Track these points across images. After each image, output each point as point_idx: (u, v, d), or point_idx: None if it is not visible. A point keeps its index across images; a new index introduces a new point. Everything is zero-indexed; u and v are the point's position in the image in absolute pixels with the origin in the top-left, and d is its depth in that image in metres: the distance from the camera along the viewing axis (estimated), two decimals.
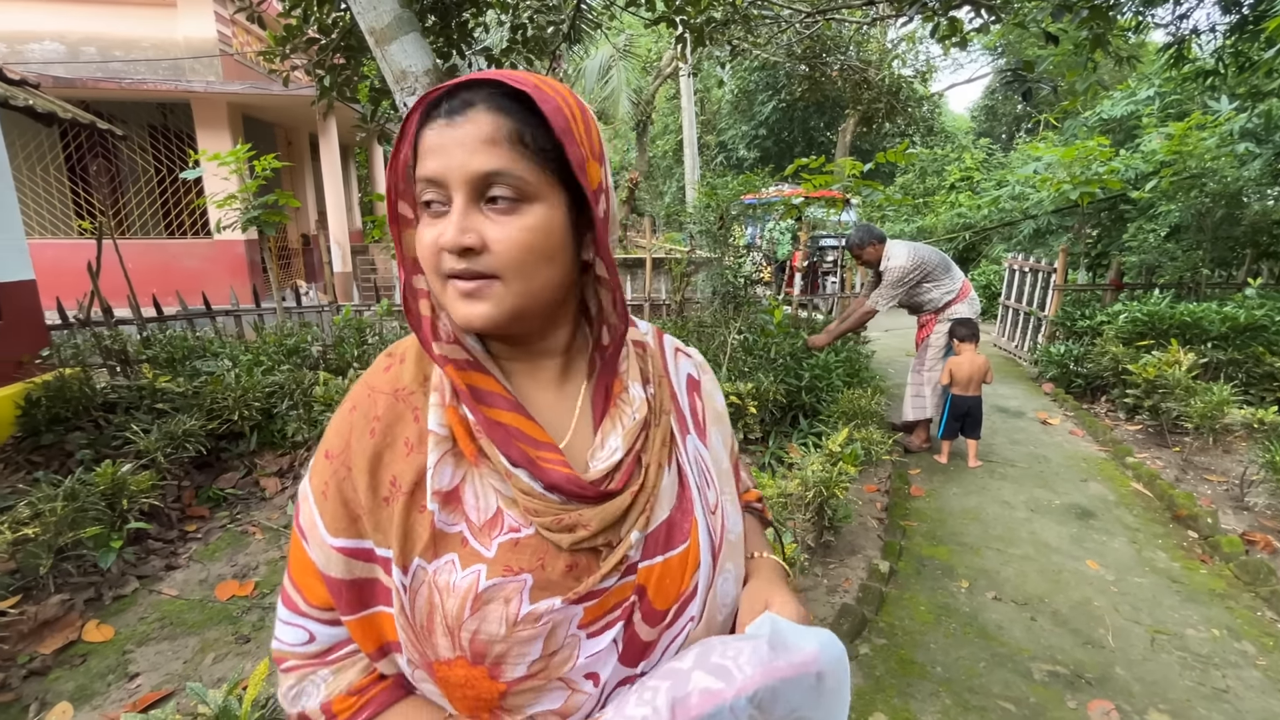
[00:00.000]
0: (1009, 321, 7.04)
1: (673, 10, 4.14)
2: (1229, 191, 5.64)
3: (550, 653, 0.53)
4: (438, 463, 0.55)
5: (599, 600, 0.55)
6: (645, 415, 0.61)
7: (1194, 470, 3.68)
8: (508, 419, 0.56)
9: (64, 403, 3.15)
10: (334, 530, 0.56)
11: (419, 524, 0.54)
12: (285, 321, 4.86)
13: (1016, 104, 18.18)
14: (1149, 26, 5.80)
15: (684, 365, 0.73)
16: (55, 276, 5.74)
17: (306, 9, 3.35)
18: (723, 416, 0.74)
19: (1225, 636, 2.32)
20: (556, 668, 0.54)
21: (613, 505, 0.56)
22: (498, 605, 0.52)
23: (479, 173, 0.50)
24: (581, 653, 0.54)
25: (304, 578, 0.58)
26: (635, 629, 0.57)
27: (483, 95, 0.51)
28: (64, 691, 1.99)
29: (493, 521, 0.55)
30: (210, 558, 2.74)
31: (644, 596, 0.57)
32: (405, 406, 0.58)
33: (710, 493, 0.65)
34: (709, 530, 0.62)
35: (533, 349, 0.61)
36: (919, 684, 2.09)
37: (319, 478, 0.58)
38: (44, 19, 8.02)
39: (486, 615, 0.52)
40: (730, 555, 0.64)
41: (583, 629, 0.54)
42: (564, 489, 0.54)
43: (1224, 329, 4.53)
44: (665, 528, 0.59)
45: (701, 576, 0.60)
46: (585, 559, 0.55)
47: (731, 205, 4.26)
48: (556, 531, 0.54)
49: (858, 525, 3.06)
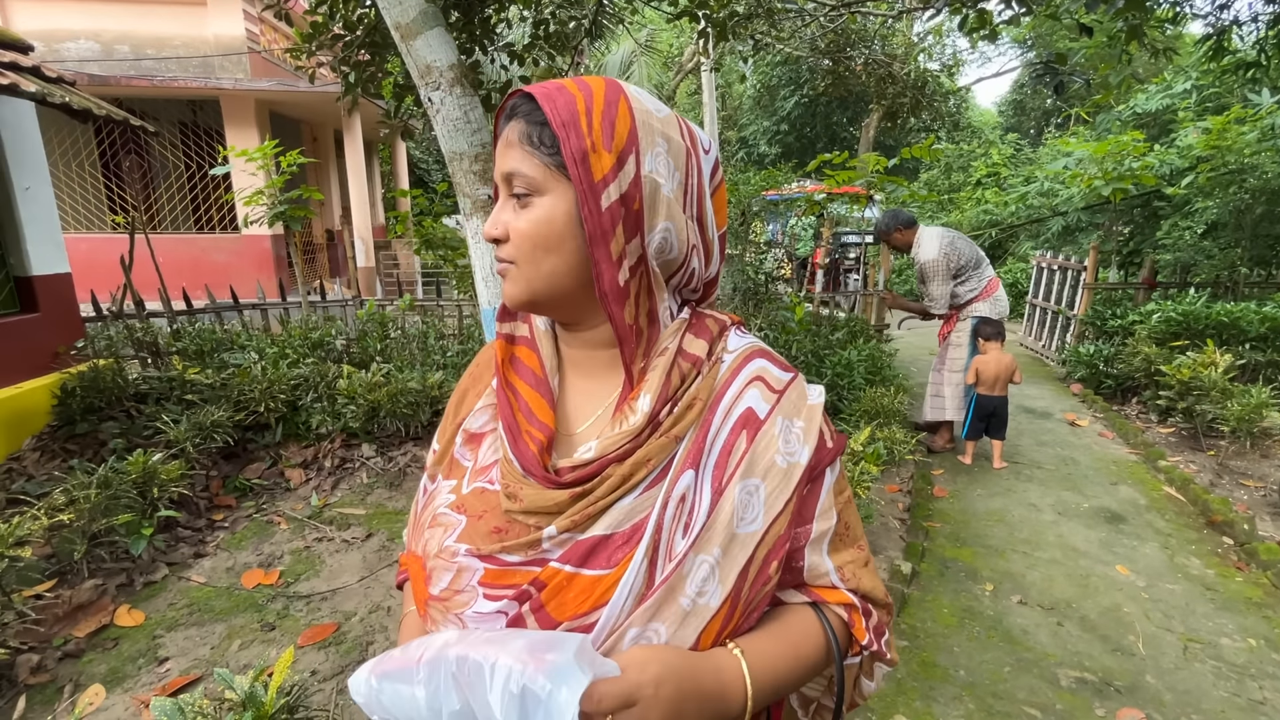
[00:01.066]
0: (1036, 320, 6.90)
1: (695, 4, 4.11)
2: (1270, 188, 5.46)
3: (455, 589, 0.58)
4: (479, 409, 0.68)
5: (500, 569, 0.57)
6: (638, 428, 0.57)
7: (1229, 475, 3.57)
8: (525, 393, 0.64)
9: (98, 393, 3.23)
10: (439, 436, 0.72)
11: (450, 446, 0.69)
12: (310, 315, 4.93)
13: (1046, 98, 17.77)
14: (1187, 17, 5.62)
15: (751, 398, 0.61)
16: (90, 270, 5.89)
17: (332, 6, 3.38)
18: (782, 473, 0.59)
19: (1262, 646, 2.25)
20: (456, 606, 0.58)
21: (550, 494, 0.57)
22: (438, 530, 0.62)
23: (504, 172, 0.59)
24: (473, 606, 0.57)
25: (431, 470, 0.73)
26: (523, 618, 0.55)
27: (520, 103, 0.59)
28: (96, 674, 2.04)
29: (485, 469, 0.64)
30: (237, 546, 2.80)
31: (539, 592, 0.54)
32: (493, 367, 0.69)
33: (680, 541, 0.55)
34: (644, 575, 0.54)
35: (583, 337, 0.65)
36: (942, 687, 2.05)
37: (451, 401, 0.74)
38: (79, 18, 8.22)
39: (431, 534, 0.62)
40: (667, 618, 0.54)
41: (482, 586, 0.57)
42: (522, 463, 0.59)
43: (1263, 329, 4.39)
44: (593, 543, 0.55)
45: (605, 614, 0.53)
46: (515, 530, 0.59)
47: (753, 201, 4.22)
48: (505, 495, 0.59)
49: (879, 525, 3.02)
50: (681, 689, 0.51)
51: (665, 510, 0.56)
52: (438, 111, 2.06)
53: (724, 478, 0.58)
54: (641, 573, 0.54)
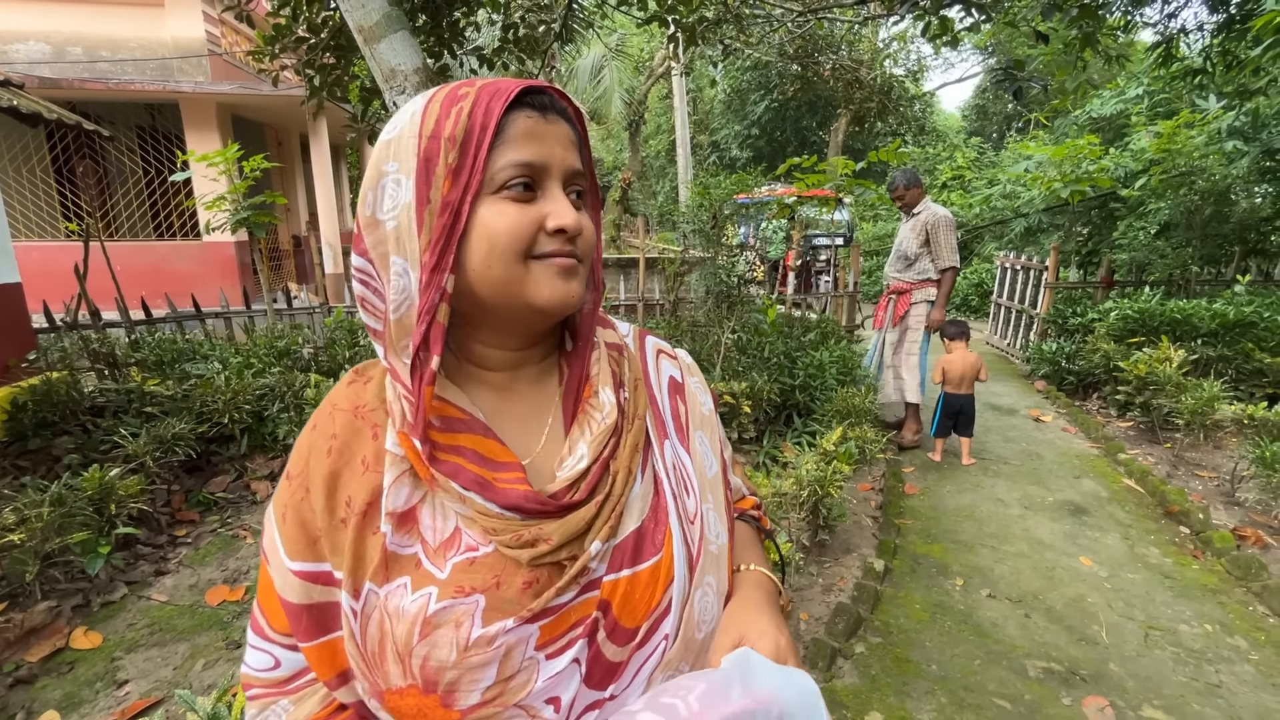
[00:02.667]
0: (1001, 319, 7.08)
1: (664, 10, 4.13)
2: (1217, 189, 5.69)
3: (506, 678, 0.51)
4: (393, 483, 0.53)
5: (556, 618, 0.52)
6: (615, 421, 0.58)
7: (1185, 466, 3.71)
8: (464, 441, 0.55)
9: (51, 407, 3.11)
10: (293, 554, 0.55)
11: (371, 546, 0.53)
12: (276, 323, 4.82)
13: (1007, 103, 18.27)
14: (1138, 25, 5.84)
15: (666, 367, 0.70)
16: (42, 279, 5.67)
17: (295, 8, 3.32)
18: (709, 420, 0.70)
19: (1218, 632, 2.33)
20: (513, 693, 0.51)
21: (575, 517, 0.53)
22: (448, 630, 0.50)
23: (574, 168, 0.56)
24: (540, 675, 0.51)
25: (269, 601, 0.57)
26: (600, 648, 0.54)
27: (556, 104, 0.56)
28: (51, 700, 1.96)
29: (449, 541, 0.53)
30: (200, 562, 2.71)
31: (608, 613, 0.54)
32: (364, 424, 0.57)
33: (690, 500, 0.62)
34: (685, 541, 0.59)
35: (523, 355, 0.61)
36: (915, 682, 2.09)
37: (280, 500, 0.57)
38: (29, 19, 7.93)
39: (436, 640, 0.50)
40: (711, 568, 0.60)
41: (540, 650, 0.52)
42: (522, 507, 0.52)
43: (1214, 326, 4.57)
44: (634, 539, 0.56)
45: (676, 591, 0.56)
46: (546, 574, 0.53)
47: (725, 205, 4.25)
48: (516, 548, 0.52)
49: (852, 524, 3.06)
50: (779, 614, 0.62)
51: (670, 481, 0.61)
52: None
53: (685, 438, 0.66)
54: (683, 542, 0.59)
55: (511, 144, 0.52)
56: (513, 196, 0.53)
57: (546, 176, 0.54)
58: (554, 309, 0.55)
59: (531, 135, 0.53)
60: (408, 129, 0.53)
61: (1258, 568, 2.62)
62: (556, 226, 0.53)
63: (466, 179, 0.52)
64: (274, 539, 0.56)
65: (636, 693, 0.55)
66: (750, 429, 3.63)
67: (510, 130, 0.53)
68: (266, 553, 0.57)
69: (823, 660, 2.12)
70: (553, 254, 0.54)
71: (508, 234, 0.52)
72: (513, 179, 0.53)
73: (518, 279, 0.53)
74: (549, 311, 0.55)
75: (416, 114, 0.54)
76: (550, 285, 0.54)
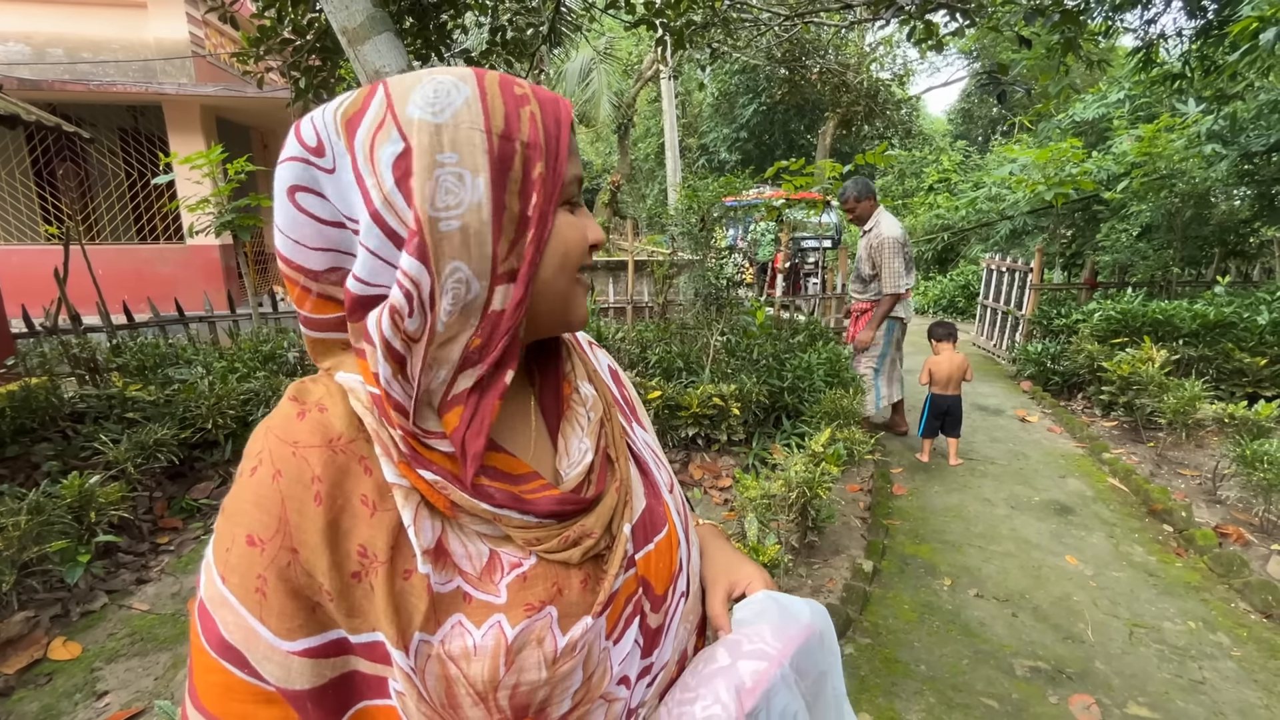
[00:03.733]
0: (987, 320, 7.14)
1: (653, 13, 4.15)
2: (1197, 192, 5.78)
3: (589, 676, 0.52)
4: (415, 518, 0.47)
5: (614, 604, 0.54)
6: (602, 410, 0.61)
7: (1168, 465, 3.75)
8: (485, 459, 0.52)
9: (30, 413, 3.06)
10: (287, 633, 0.45)
11: (410, 593, 0.47)
12: (261, 328, 4.77)
13: (992, 107, 18.49)
14: (1119, 31, 5.93)
15: (602, 357, 0.74)
16: (21, 283, 5.58)
17: (280, 9, 3.30)
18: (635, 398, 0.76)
19: (1201, 629, 2.36)
20: (596, 687, 0.52)
21: (604, 506, 0.56)
22: (532, 650, 0.48)
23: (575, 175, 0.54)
24: (613, 662, 0.54)
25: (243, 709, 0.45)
26: (647, 619, 0.58)
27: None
28: (28, 713, 1.92)
29: (490, 566, 0.50)
30: (183, 570, 2.67)
31: (648, 587, 0.58)
32: (349, 458, 0.48)
33: (664, 473, 0.67)
34: (677, 509, 0.65)
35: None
36: (904, 683, 2.09)
37: (247, 574, 0.44)
38: (8, 20, 7.81)
39: (523, 665, 0.47)
40: (689, 525, 0.68)
41: (609, 639, 0.54)
42: (560, 512, 0.52)
43: (1195, 326, 4.63)
44: (647, 515, 0.61)
45: (683, 553, 0.63)
46: (591, 569, 0.54)
47: (713, 207, 4.26)
48: (565, 550, 0.51)
49: (841, 525, 3.07)
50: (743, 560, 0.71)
51: (649, 458, 0.66)
52: None
53: (639, 418, 0.71)
54: (677, 509, 0.65)
55: (572, 157, 0.53)
56: (568, 210, 0.53)
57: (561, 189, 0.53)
58: (583, 323, 0.57)
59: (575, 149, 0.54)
60: (467, 119, 0.46)
61: (1239, 565, 2.66)
62: (595, 241, 0.55)
63: (553, 189, 0.50)
64: (247, 626, 0.44)
65: (668, 650, 0.60)
66: (739, 431, 3.63)
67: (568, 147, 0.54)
68: (233, 647, 0.44)
69: None
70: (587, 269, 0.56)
71: (577, 247, 0.53)
72: (575, 194, 0.54)
73: (570, 293, 0.54)
74: (579, 325, 0.57)
75: (473, 103, 0.47)
76: (582, 300, 0.56)
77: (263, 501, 0.46)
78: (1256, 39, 3.97)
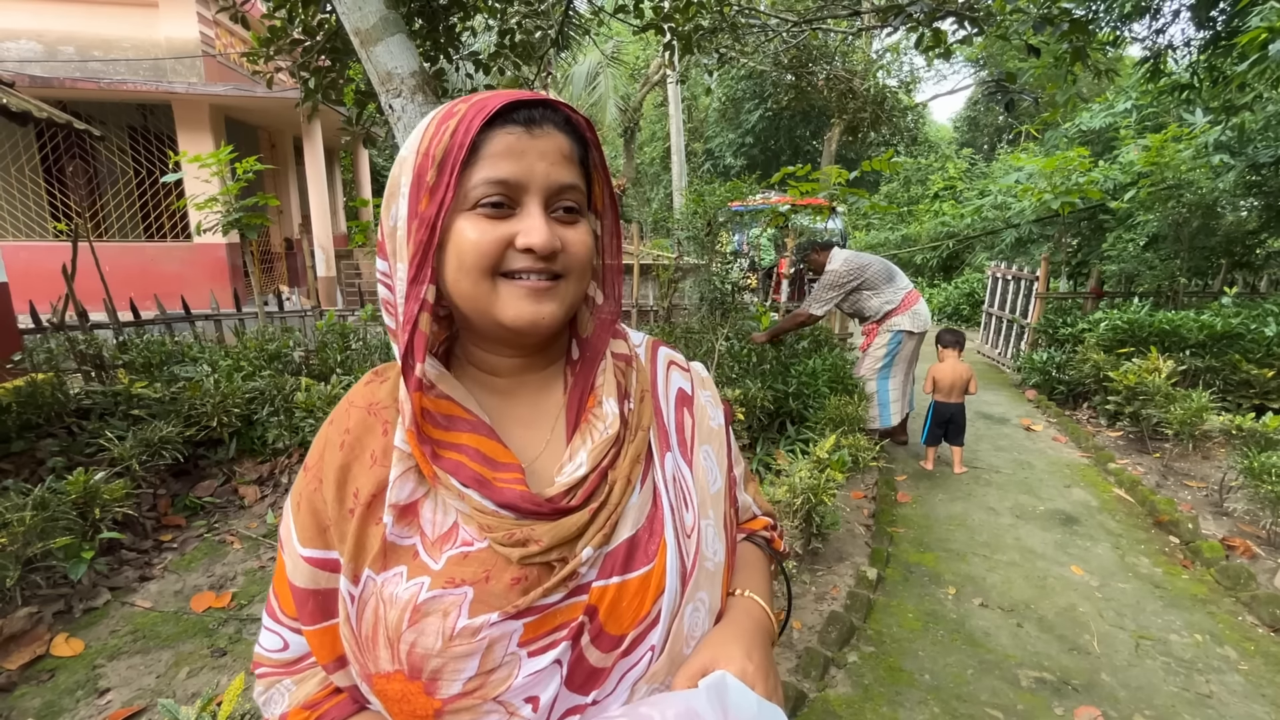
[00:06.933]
0: (993, 329, 7.12)
1: (661, 18, 4.16)
2: (1204, 202, 5.76)
3: (487, 670, 0.52)
4: (399, 477, 0.56)
5: (542, 617, 0.54)
6: (617, 431, 0.59)
7: (1174, 476, 3.73)
8: (467, 440, 0.57)
9: (35, 409, 3.06)
10: (304, 540, 0.58)
11: (372, 536, 0.56)
12: (267, 326, 4.78)
13: (998, 115, 18.48)
14: (1127, 41, 5.93)
15: (676, 379, 0.70)
16: (29, 279, 5.62)
17: (291, 10, 3.31)
18: (717, 434, 0.70)
19: (1208, 642, 2.34)
20: (493, 687, 0.52)
21: (568, 521, 0.55)
22: (435, 618, 0.52)
23: (559, 183, 0.55)
24: (521, 672, 0.53)
25: (281, 586, 0.61)
26: (584, 652, 0.55)
27: (551, 116, 0.55)
28: (30, 709, 1.92)
29: (446, 535, 0.55)
30: (186, 568, 2.67)
31: (595, 618, 0.55)
32: (376, 420, 0.60)
33: (688, 514, 0.62)
34: (680, 554, 0.59)
35: (528, 363, 0.63)
36: (907, 692, 2.08)
37: (297, 489, 0.61)
38: (21, 18, 7.88)
39: (424, 628, 0.52)
40: (705, 584, 0.61)
41: (523, 647, 0.53)
42: (518, 507, 0.54)
43: (1201, 337, 4.61)
44: (626, 547, 0.57)
45: (665, 603, 0.57)
46: (536, 573, 0.54)
47: (719, 212, 4.26)
48: (508, 545, 0.54)
49: (845, 532, 3.06)
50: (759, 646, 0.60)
51: (669, 493, 0.61)
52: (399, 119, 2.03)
53: (689, 451, 0.66)
54: (677, 555, 0.59)
55: (488, 161, 0.53)
56: (486, 214, 0.54)
57: (524, 193, 0.54)
58: (520, 329, 0.55)
59: (510, 152, 0.53)
60: (412, 146, 0.56)
61: (1246, 578, 2.64)
62: (525, 245, 0.54)
63: (441, 195, 0.53)
64: (289, 526, 0.60)
65: (619, 701, 0.56)
66: (744, 436, 3.62)
67: (489, 147, 0.53)
68: (283, 539, 0.61)
69: (816, 669, 2.11)
70: (522, 272, 0.54)
71: (474, 250, 0.53)
72: (485, 196, 0.53)
73: (485, 295, 0.55)
74: (516, 330, 0.55)
75: (419, 131, 0.56)
76: (516, 305, 0.55)
77: (318, 441, 0.61)
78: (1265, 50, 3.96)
